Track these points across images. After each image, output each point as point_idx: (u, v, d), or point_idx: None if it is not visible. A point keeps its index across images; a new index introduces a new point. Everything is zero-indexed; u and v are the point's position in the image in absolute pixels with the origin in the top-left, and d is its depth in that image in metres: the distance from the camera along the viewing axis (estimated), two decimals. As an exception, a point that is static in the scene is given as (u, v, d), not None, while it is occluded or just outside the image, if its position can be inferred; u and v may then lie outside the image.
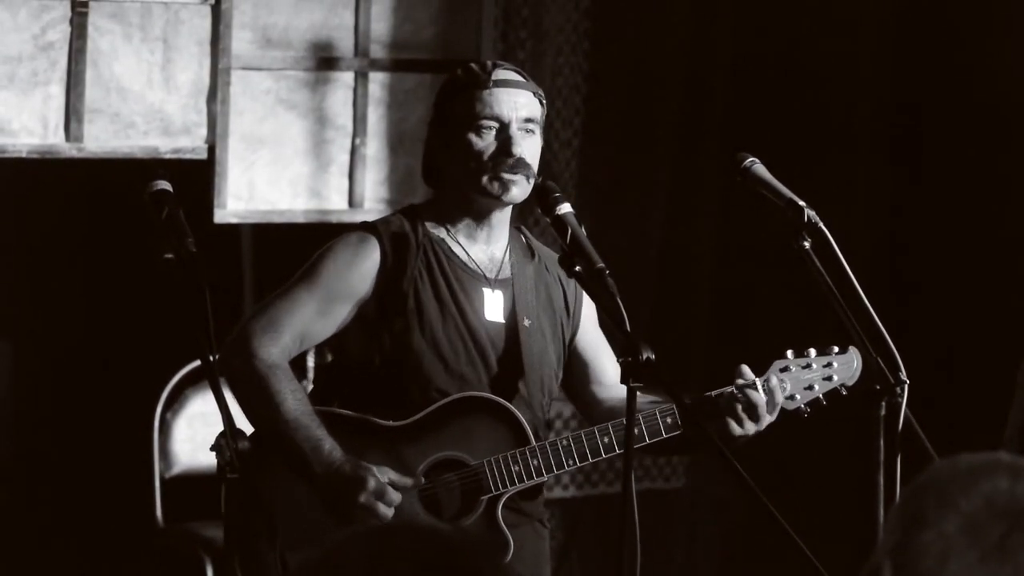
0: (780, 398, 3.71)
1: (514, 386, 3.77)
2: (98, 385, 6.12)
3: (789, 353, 3.78)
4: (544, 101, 3.82)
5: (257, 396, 3.65)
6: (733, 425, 3.67)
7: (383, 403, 3.72)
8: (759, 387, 3.69)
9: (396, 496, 3.60)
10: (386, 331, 3.72)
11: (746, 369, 3.72)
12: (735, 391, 3.69)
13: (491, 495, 3.69)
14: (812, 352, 3.78)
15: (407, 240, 3.76)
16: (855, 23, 6.30)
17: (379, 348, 3.73)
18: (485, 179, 3.72)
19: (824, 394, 3.78)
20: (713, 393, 3.71)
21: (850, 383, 3.78)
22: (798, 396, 3.76)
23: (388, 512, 3.59)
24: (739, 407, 3.67)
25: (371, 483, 3.58)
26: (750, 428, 3.68)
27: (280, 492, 3.63)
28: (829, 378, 3.78)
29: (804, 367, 3.77)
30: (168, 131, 5.40)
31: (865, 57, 6.31)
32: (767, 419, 3.70)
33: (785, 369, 3.76)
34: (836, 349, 3.78)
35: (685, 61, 6.24)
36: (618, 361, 3.35)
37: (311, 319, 3.72)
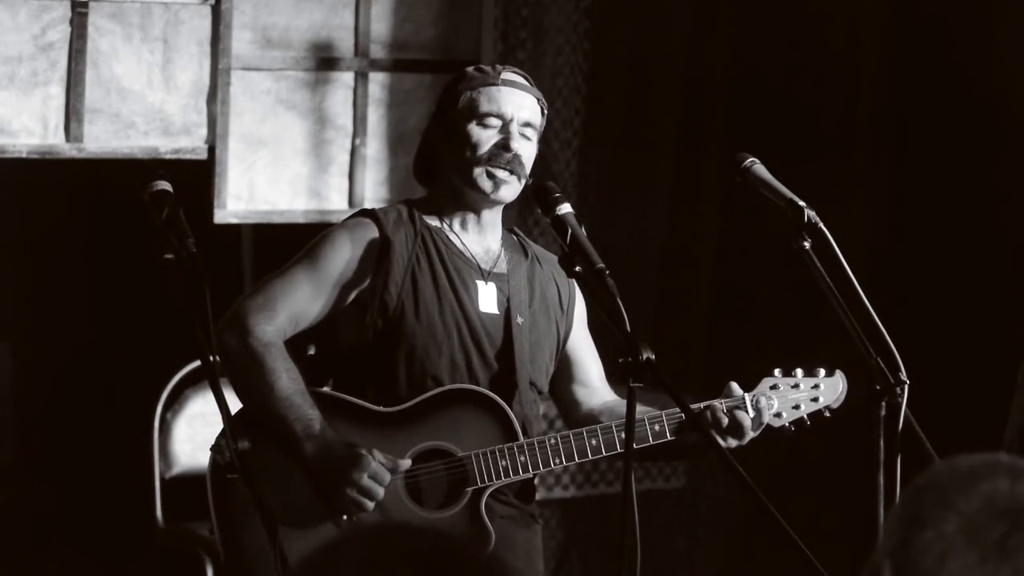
0: (767, 417, 3.78)
1: (504, 380, 3.79)
2: (98, 385, 6.13)
3: (777, 372, 3.85)
4: (546, 111, 3.87)
5: (251, 373, 3.65)
6: (716, 438, 3.70)
7: (373, 386, 3.74)
8: (747, 404, 3.73)
9: (387, 477, 3.60)
10: (381, 314, 3.74)
11: (735, 386, 3.77)
12: (722, 406, 3.73)
13: (476, 487, 3.70)
14: (799, 372, 3.85)
15: (405, 226, 3.80)
16: (855, 23, 6.30)
17: (373, 330, 3.74)
18: (478, 171, 3.76)
19: (809, 415, 3.84)
20: (701, 405, 3.74)
21: (835, 406, 3.87)
22: (784, 414, 3.83)
23: (380, 492, 3.59)
24: (724, 422, 3.71)
25: (363, 464, 3.58)
26: (732, 443, 3.74)
27: (276, 483, 3.62)
28: (816, 399, 3.85)
29: (792, 386, 3.84)
30: (168, 131, 5.39)
31: (865, 57, 6.32)
32: (750, 435, 3.75)
33: (774, 387, 3.83)
34: (823, 372, 3.85)
35: (685, 61, 6.24)
36: (618, 361, 3.35)
37: (307, 300, 3.73)
